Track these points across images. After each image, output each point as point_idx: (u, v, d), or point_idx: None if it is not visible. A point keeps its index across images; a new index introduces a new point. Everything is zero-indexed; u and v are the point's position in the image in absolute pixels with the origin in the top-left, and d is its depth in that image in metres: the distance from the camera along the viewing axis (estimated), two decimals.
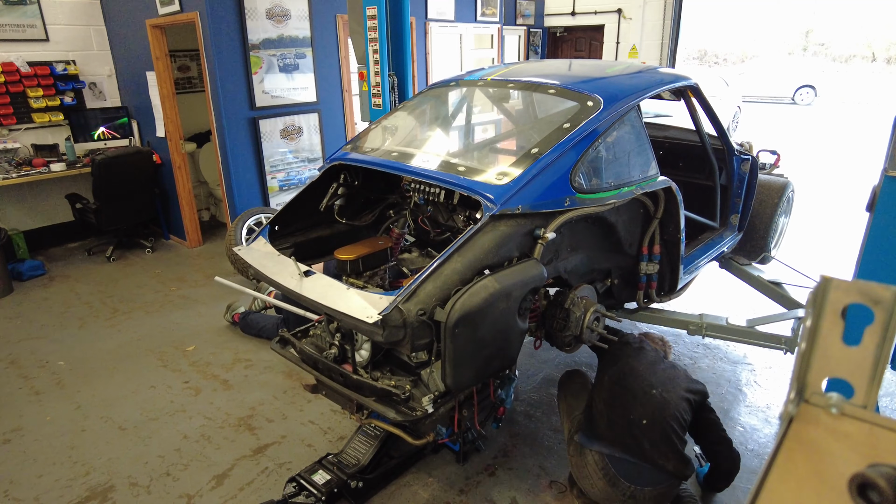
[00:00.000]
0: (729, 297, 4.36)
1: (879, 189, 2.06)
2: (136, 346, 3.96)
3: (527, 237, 2.11)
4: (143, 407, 3.27)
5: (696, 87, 2.97)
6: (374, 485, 2.57)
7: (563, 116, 2.39)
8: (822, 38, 25.72)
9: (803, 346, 0.52)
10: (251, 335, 3.96)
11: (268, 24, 4.93)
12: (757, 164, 3.37)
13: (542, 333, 2.50)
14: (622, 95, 2.48)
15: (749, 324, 3.01)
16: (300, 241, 2.71)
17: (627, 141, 2.49)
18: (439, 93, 3.17)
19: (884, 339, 0.48)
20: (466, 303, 1.84)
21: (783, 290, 3.53)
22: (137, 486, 2.69)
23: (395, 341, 1.86)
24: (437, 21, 6.66)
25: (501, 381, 2.51)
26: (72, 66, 5.57)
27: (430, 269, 1.92)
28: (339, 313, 1.95)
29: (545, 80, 2.73)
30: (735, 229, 3.49)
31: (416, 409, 2.03)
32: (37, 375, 3.62)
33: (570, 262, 2.48)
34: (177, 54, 6.23)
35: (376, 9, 3.78)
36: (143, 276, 5.20)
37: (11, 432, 3.08)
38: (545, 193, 2.13)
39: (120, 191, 5.32)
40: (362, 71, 4.02)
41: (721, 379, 3.45)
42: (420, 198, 2.59)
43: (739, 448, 2.85)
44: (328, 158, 2.79)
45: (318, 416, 3.13)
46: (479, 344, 1.92)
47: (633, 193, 2.42)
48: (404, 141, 2.85)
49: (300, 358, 2.43)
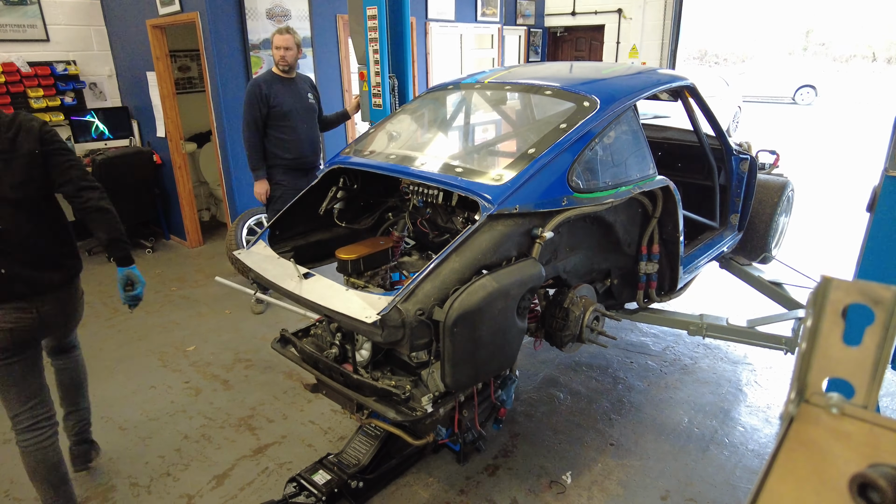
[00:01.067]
0: (729, 298, 4.36)
1: (880, 189, 2.06)
2: (136, 346, 3.96)
3: (525, 237, 2.11)
4: (143, 407, 3.27)
5: (694, 88, 2.98)
6: (374, 485, 2.57)
7: (560, 117, 2.39)
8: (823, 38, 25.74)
9: (804, 346, 0.52)
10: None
11: (268, 24, 4.94)
12: (756, 163, 3.38)
13: (542, 333, 2.50)
14: (619, 96, 2.48)
15: (749, 324, 3.02)
16: (300, 245, 2.72)
17: (624, 141, 2.49)
18: (438, 96, 3.18)
19: (884, 339, 0.48)
20: (465, 302, 1.84)
21: (783, 291, 3.53)
22: (138, 485, 2.69)
23: (394, 341, 1.86)
24: (437, 21, 6.66)
25: (502, 382, 2.51)
26: (72, 67, 5.56)
27: (429, 269, 1.93)
28: (339, 314, 1.95)
29: (542, 83, 2.73)
30: (735, 229, 3.49)
31: (417, 409, 2.03)
32: None
33: (568, 262, 2.49)
34: (177, 54, 6.22)
35: (376, 9, 3.77)
36: (143, 276, 5.19)
37: (12, 432, 3.07)
38: (542, 193, 2.13)
39: (120, 191, 5.31)
40: (362, 71, 4.02)
41: (721, 379, 3.46)
42: (419, 200, 2.60)
43: (740, 448, 2.86)
44: (328, 162, 2.80)
45: (319, 416, 3.13)
46: (478, 343, 1.92)
47: (631, 193, 2.42)
48: (403, 144, 2.86)
49: (301, 357, 2.44)
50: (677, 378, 3.46)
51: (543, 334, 2.50)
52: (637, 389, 3.35)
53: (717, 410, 3.16)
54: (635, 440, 2.92)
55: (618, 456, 2.81)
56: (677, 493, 2.57)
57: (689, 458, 2.79)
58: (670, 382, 3.42)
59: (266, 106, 3.95)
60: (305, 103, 4.12)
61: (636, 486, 2.62)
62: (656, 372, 3.53)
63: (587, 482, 2.64)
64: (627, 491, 2.59)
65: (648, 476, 2.68)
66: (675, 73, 3.09)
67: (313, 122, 4.21)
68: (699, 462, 2.76)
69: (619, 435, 2.96)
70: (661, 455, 2.81)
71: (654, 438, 2.93)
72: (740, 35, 25.99)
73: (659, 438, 2.93)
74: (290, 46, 3.94)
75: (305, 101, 4.12)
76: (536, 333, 2.51)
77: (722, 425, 3.04)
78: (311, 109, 4.17)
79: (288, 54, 3.94)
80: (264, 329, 4.11)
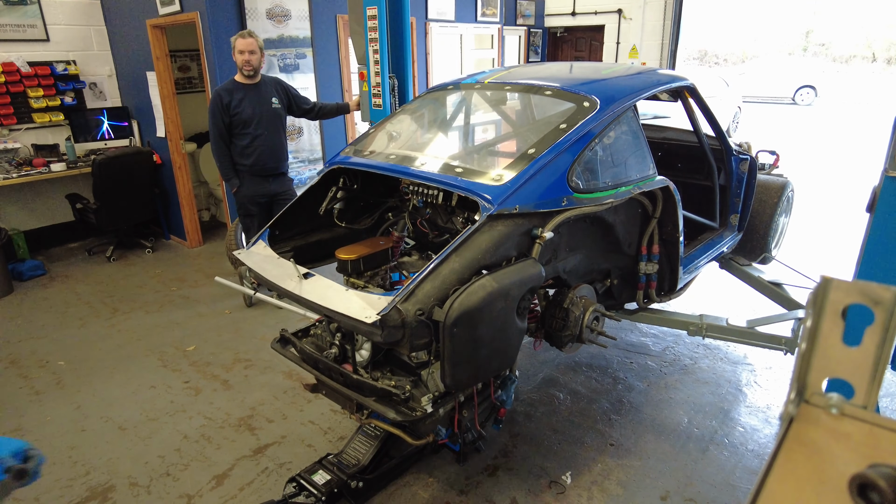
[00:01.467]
0: (729, 298, 4.36)
1: (880, 189, 2.06)
2: (136, 346, 3.96)
3: (525, 237, 2.11)
4: (143, 407, 3.27)
5: (693, 88, 2.98)
6: (374, 485, 2.57)
7: (560, 117, 2.39)
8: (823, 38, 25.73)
9: (803, 346, 0.52)
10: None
11: (268, 24, 4.94)
12: (756, 163, 3.38)
13: (542, 334, 2.50)
14: (619, 96, 2.48)
15: (749, 325, 3.02)
16: (300, 245, 2.72)
17: (624, 141, 2.49)
18: (438, 96, 3.18)
19: (884, 340, 0.48)
20: (464, 302, 1.84)
21: (783, 291, 3.53)
22: (137, 486, 2.69)
23: (393, 341, 1.86)
24: (437, 21, 6.66)
25: (502, 382, 2.51)
26: (72, 66, 5.57)
27: (428, 269, 1.93)
28: (338, 314, 1.95)
29: (542, 83, 2.73)
30: (735, 229, 3.49)
31: (416, 410, 2.03)
32: (37, 375, 3.62)
33: (568, 263, 2.48)
34: (177, 54, 6.22)
35: (376, 9, 3.78)
36: (143, 276, 5.20)
37: (11, 432, 3.08)
38: (542, 193, 2.13)
39: (120, 191, 5.32)
40: (362, 71, 4.02)
41: (721, 379, 3.45)
42: (419, 200, 2.60)
43: (740, 448, 2.86)
44: (328, 162, 2.80)
45: (319, 417, 3.13)
46: (478, 343, 1.92)
47: (631, 193, 2.42)
48: (403, 144, 2.86)
49: (300, 357, 2.44)
50: (677, 378, 3.46)
51: (543, 334, 2.50)
52: (637, 390, 3.35)
53: (717, 411, 3.16)
54: (635, 440, 2.92)
55: (617, 456, 2.81)
56: (677, 493, 2.57)
57: (688, 458, 2.79)
58: (670, 383, 3.42)
59: (228, 115, 3.97)
60: (269, 108, 4.09)
61: (636, 487, 2.62)
62: (656, 372, 3.53)
63: (587, 482, 2.64)
64: (627, 491, 2.59)
65: (648, 476, 2.68)
66: (674, 74, 3.09)
67: (276, 128, 4.17)
68: (699, 462, 2.76)
69: (619, 435, 2.96)
70: (661, 455, 2.81)
71: (653, 439, 2.93)
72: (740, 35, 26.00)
73: (659, 439, 2.93)
74: (253, 50, 3.92)
75: (269, 105, 4.09)
76: (536, 334, 2.51)
77: (722, 425, 3.04)
78: (275, 115, 4.13)
79: (252, 58, 3.93)
80: (264, 329, 4.11)
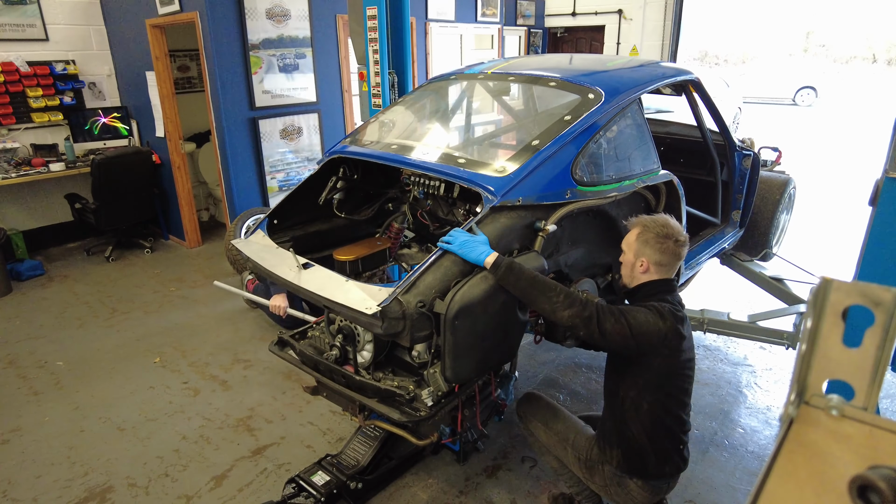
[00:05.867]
0: (730, 294, 4.35)
1: (881, 187, 2.04)
2: (134, 346, 3.95)
3: (527, 229, 2.09)
4: (141, 407, 3.27)
5: (698, 82, 2.95)
6: (373, 486, 2.57)
7: (564, 109, 2.37)
8: (823, 39, 25.76)
9: (804, 347, 0.52)
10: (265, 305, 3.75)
11: (268, 24, 4.93)
12: (758, 160, 3.36)
13: (542, 328, 2.49)
14: (623, 88, 2.46)
15: (751, 319, 3.01)
16: (299, 235, 2.68)
17: (629, 134, 2.48)
18: (439, 86, 3.14)
19: (884, 341, 0.48)
20: (466, 294, 1.82)
21: (785, 286, 3.52)
22: (136, 486, 2.68)
23: (394, 333, 1.84)
24: (437, 21, 6.66)
25: (500, 381, 2.50)
26: (71, 66, 5.56)
27: (430, 260, 1.91)
28: (338, 305, 1.93)
29: (546, 74, 2.71)
30: (736, 225, 3.48)
31: (420, 410, 2.02)
32: (35, 376, 3.61)
33: (570, 256, 2.47)
34: (177, 54, 6.22)
35: (376, 9, 3.77)
36: (142, 276, 5.20)
37: (10, 433, 3.07)
38: (546, 185, 2.12)
39: (119, 191, 5.32)
40: (362, 71, 4.02)
41: (721, 381, 3.45)
42: (420, 191, 2.57)
43: (740, 450, 2.86)
44: (327, 151, 2.76)
45: (318, 417, 3.13)
46: (479, 336, 1.91)
47: (635, 187, 2.41)
48: (404, 134, 2.82)
49: (300, 360, 2.42)
50: None
51: (544, 328, 2.49)
52: None
53: (717, 412, 3.16)
54: None
55: None
56: (677, 494, 2.57)
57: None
58: None
59: None
60: None
61: None
62: None
63: None
64: None
65: None
66: (679, 67, 3.04)
67: None
68: (699, 464, 2.76)
69: None
70: None
71: None
72: (741, 36, 26.01)
73: None
74: None
75: None
76: (537, 327, 2.50)
77: (721, 427, 3.03)
78: None
79: None
80: (263, 330, 4.11)
